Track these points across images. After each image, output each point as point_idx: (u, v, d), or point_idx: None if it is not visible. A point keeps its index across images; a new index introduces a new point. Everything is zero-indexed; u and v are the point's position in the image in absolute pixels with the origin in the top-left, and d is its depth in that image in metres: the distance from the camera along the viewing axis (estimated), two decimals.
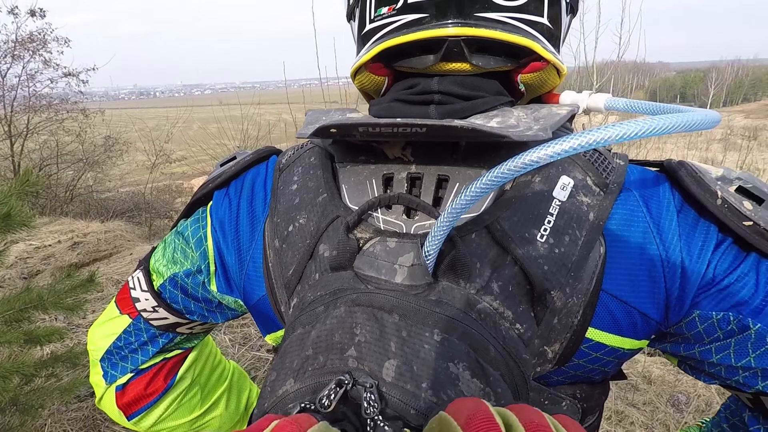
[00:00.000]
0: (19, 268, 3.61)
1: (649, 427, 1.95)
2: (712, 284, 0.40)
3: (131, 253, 3.97)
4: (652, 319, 0.41)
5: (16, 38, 6.71)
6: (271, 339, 0.52)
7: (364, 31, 0.47)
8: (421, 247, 0.38)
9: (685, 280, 0.40)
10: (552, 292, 0.39)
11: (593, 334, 0.41)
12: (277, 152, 0.56)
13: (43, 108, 7.10)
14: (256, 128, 7.64)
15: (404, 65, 0.46)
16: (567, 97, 0.49)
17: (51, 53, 7.07)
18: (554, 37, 0.45)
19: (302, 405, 0.32)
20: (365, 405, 0.31)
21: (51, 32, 6.99)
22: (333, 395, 0.32)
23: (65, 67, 7.32)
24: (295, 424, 0.28)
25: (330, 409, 0.32)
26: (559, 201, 0.40)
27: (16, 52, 6.77)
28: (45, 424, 1.76)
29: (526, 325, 0.39)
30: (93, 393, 1.96)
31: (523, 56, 0.44)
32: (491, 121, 0.41)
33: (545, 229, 0.39)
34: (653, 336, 0.43)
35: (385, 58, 0.46)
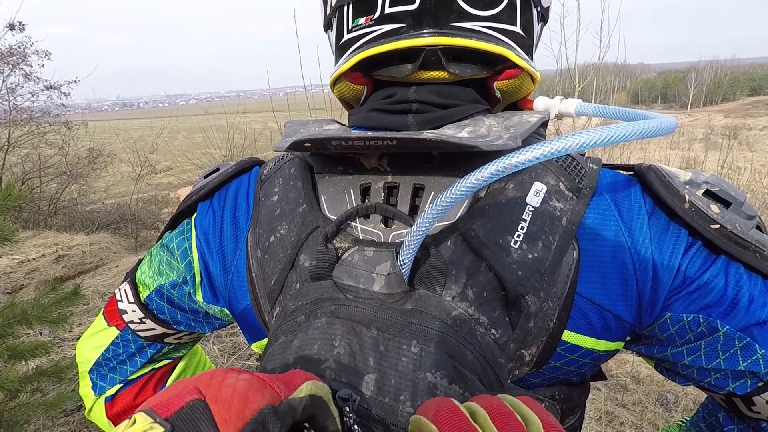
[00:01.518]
0: (3, 283, 3.55)
1: (638, 427, 1.96)
2: (682, 286, 0.40)
3: (117, 265, 3.93)
4: (625, 321, 0.41)
5: None
6: (257, 347, 0.53)
7: (342, 41, 0.48)
8: (396, 255, 0.39)
9: (657, 282, 0.40)
10: (526, 297, 0.39)
11: (569, 336, 0.41)
12: (260, 163, 0.57)
13: (24, 121, 7.00)
14: (242, 137, 7.61)
15: (383, 74, 0.47)
16: (540, 103, 0.50)
17: (31, 66, 7.00)
18: (527, 45, 0.47)
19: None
20: (346, 418, 0.32)
21: (31, 45, 6.91)
22: None
23: (46, 80, 7.24)
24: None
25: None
26: (533, 207, 0.41)
27: None
28: None
29: (502, 330, 0.39)
30: (80, 407, 1.95)
31: (498, 64, 0.45)
32: (462, 131, 0.42)
33: (519, 235, 0.40)
34: (628, 338, 0.44)
35: (363, 67, 0.46)
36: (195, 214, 0.55)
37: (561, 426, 0.28)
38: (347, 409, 0.33)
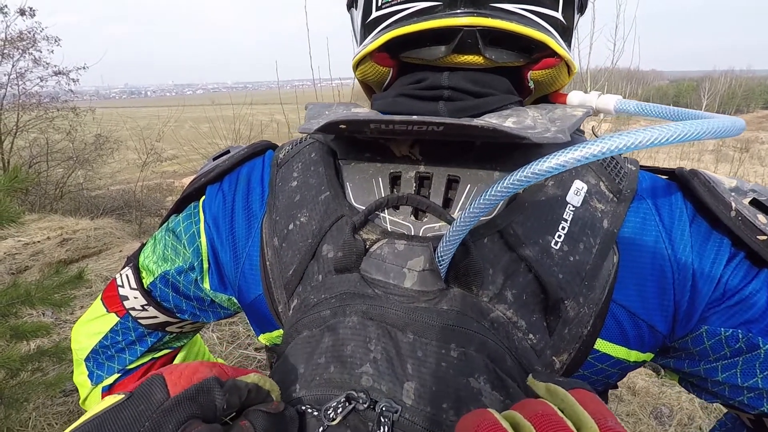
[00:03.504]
0: (7, 264, 3.59)
1: None
2: (722, 299, 0.38)
3: (121, 251, 3.97)
4: (659, 332, 0.39)
5: (6, 37, 6.65)
6: (264, 339, 0.51)
7: (370, 18, 0.44)
8: (434, 251, 0.37)
9: (695, 293, 0.38)
10: (566, 302, 0.37)
11: (601, 345, 0.39)
12: (273, 146, 0.54)
13: (33, 106, 7.05)
14: (248, 128, 7.63)
15: (412, 56, 0.43)
16: (575, 97, 0.47)
17: (41, 52, 7.03)
18: (567, 33, 0.43)
19: (303, 408, 0.32)
20: (384, 430, 0.31)
21: (41, 31, 6.95)
22: (341, 409, 0.31)
23: (55, 66, 7.28)
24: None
25: (334, 422, 0.31)
26: (573, 206, 0.39)
27: (5, 51, 6.71)
28: (30, 418, 1.77)
29: (539, 336, 0.37)
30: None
31: (535, 51, 0.42)
32: (506, 121, 0.39)
33: (559, 236, 0.38)
34: (658, 349, 0.42)
35: (391, 48, 0.43)
36: (203, 198, 0.52)
37: (622, 427, 0.25)
38: (386, 421, 0.31)
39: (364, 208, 0.42)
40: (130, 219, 6.19)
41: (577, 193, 0.40)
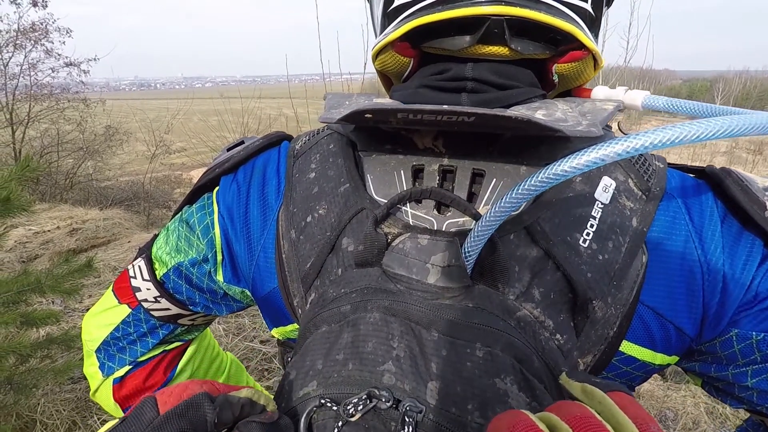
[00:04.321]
0: (18, 252, 3.64)
1: None
2: (754, 302, 0.37)
3: (129, 241, 4.00)
4: (686, 335, 0.38)
5: (18, 27, 6.73)
6: (278, 333, 0.50)
7: (392, 7, 0.43)
8: (459, 246, 0.36)
9: (726, 295, 0.37)
10: (594, 302, 0.36)
11: (626, 347, 0.39)
12: (288, 137, 0.53)
13: (44, 97, 7.13)
14: (257, 122, 7.65)
15: (434, 46, 0.42)
16: (600, 92, 0.45)
17: (53, 43, 7.10)
18: (595, 25, 0.42)
19: (322, 402, 0.31)
20: (409, 430, 0.30)
21: (53, 22, 7.01)
22: (361, 405, 0.30)
23: (67, 57, 7.35)
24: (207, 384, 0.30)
25: (353, 419, 0.30)
26: (602, 203, 0.38)
27: (18, 42, 6.78)
28: (38, 404, 1.79)
29: (567, 336, 0.36)
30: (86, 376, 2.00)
31: (562, 43, 0.41)
32: (536, 113, 0.38)
33: (588, 234, 0.37)
34: (684, 352, 0.41)
35: (413, 37, 0.42)
36: (217, 188, 0.51)
37: None
38: (410, 421, 0.30)
39: (385, 201, 0.40)
40: (138, 210, 6.24)
41: (605, 189, 0.39)
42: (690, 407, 2.10)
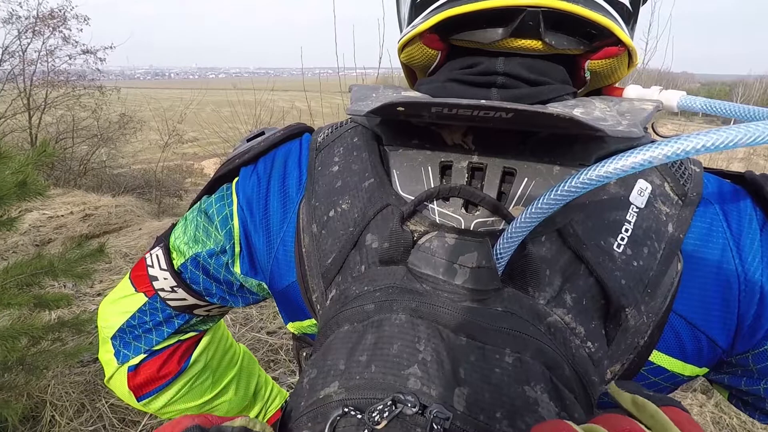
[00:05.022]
0: (32, 236, 3.71)
1: None
2: None
3: (140, 228, 4.05)
4: (718, 346, 0.37)
5: (37, 14, 6.81)
6: (293, 327, 0.49)
7: None
8: (491, 247, 0.34)
9: (763, 307, 0.36)
10: (627, 309, 0.35)
11: (657, 357, 0.37)
12: (310, 129, 0.52)
13: (60, 83, 7.24)
14: (269, 114, 7.68)
15: (465, 38, 0.41)
16: (632, 91, 0.43)
17: (70, 30, 7.21)
18: (632, 20, 0.41)
19: (346, 410, 0.30)
20: None
21: (71, 9, 7.10)
22: (387, 412, 0.29)
23: (83, 45, 7.44)
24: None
25: (379, 426, 0.29)
26: (637, 207, 0.37)
27: (36, 28, 6.87)
28: (48, 385, 1.82)
29: (598, 344, 0.35)
30: (96, 359, 2.04)
31: (598, 39, 0.39)
32: (573, 111, 0.37)
33: (622, 238, 0.36)
34: (714, 364, 0.39)
35: (443, 29, 0.40)
36: (237, 179, 0.50)
37: None
38: (438, 428, 0.29)
39: (411, 197, 0.39)
40: (149, 198, 6.31)
41: (641, 193, 0.37)
42: (696, 416, 2.08)
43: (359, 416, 0.30)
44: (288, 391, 0.79)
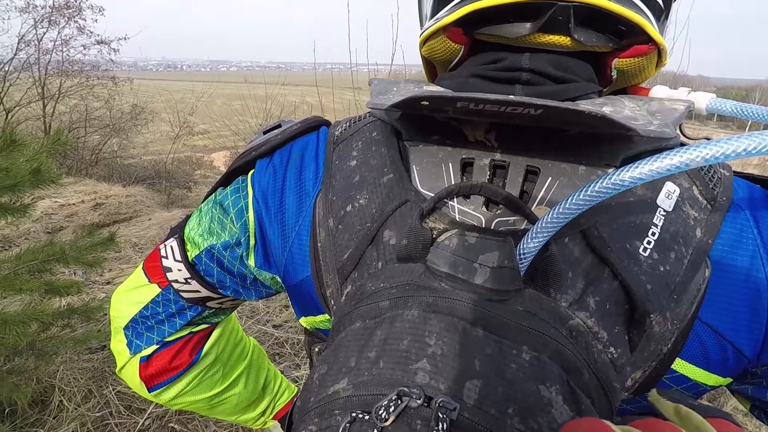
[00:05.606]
0: (44, 223, 3.76)
1: None
2: None
3: (150, 219, 4.09)
4: (744, 356, 0.36)
5: (53, 4, 6.87)
6: (306, 322, 0.49)
7: None
8: (513, 246, 0.34)
9: None
10: (652, 315, 0.34)
11: (680, 365, 0.36)
12: (327, 123, 0.52)
13: (75, 73, 7.30)
14: (279, 108, 7.69)
15: (491, 33, 0.40)
16: (659, 92, 0.42)
17: (85, 20, 7.25)
18: (664, 18, 0.40)
19: (353, 415, 0.30)
20: (440, 428, 0.28)
21: (86, 0, 7.15)
22: (393, 407, 0.29)
23: (98, 35, 7.50)
24: None
25: (387, 423, 0.29)
26: (664, 211, 0.36)
27: (52, 18, 6.93)
28: (57, 371, 1.85)
29: (621, 350, 0.34)
30: (104, 346, 2.06)
31: (627, 36, 0.38)
32: (602, 110, 0.36)
33: (649, 242, 0.35)
34: (738, 374, 0.39)
35: (467, 23, 0.39)
36: (252, 171, 0.50)
37: None
38: (444, 417, 0.28)
39: (430, 194, 0.39)
40: (159, 189, 6.36)
41: (668, 196, 0.36)
42: None
43: (366, 417, 0.29)
44: (293, 384, 0.79)
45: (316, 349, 0.51)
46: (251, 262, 0.49)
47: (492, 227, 0.37)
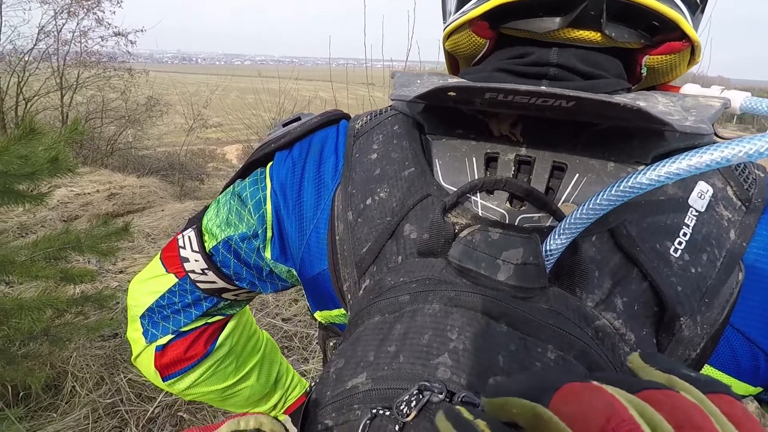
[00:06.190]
0: (60, 211, 3.82)
1: None
2: None
3: (163, 210, 4.13)
4: None
5: None
6: (321, 316, 0.49)
7: None
8: (538, 243, 0.33)
9: None
10: (682, 318, 0.33)
11: (708, 372, 0.36)
12: (347, 117, 0.51)
13: (92, 64, 7.40)
14: (293, 103, 7.71)
15: (518, 27, 0.39)
16: (691, 90, 0.41)
17: (104, 12, 7.35)
18: (698, 14, 0.38)
19: (374, 411, 0.29)
20: None
21: None
22: (414, 402, 0.28)
23: (116, 27, 7.58)
24: None
25: (409, 418, 0.28)
26: (696, 211, 0.35)
27: (71, 9, 7.03)
28: (70, 357, 1.88)
29: None
30: (116, 334, 2.09)
31: (661, 32, 0.37)
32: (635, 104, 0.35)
33: (680, 243, 0.34)
34: None
35: (494, 16, 0.39)
36: (271, 163, 0.50)
37: None
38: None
39: (453, 188, 0.38)
40: (172, 180, 6.42)
41: (701, 196, 0.35)
42: None
43: (387, 413, 0.29)
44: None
45: (331, 344, 0.51)
46: (268, 254, 0.49)
47: (515, 224, 0.36)
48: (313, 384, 0.39)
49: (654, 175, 0.28)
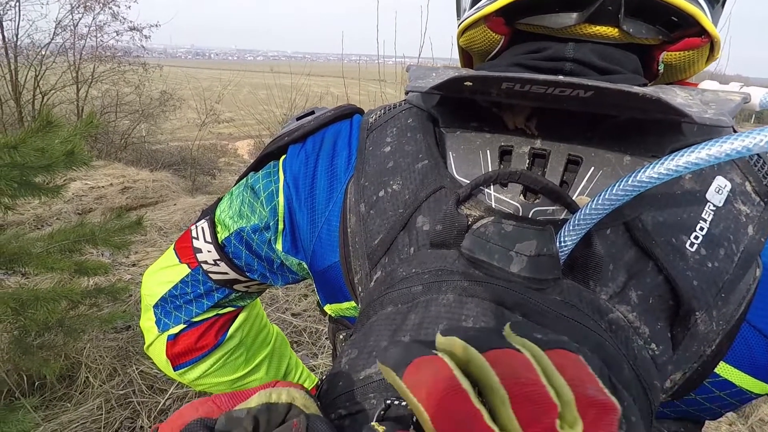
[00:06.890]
0: (75, 204, 3.88)
1: None
2: None
3: (175, 204, 4.17)
4: None
5: None
6: (331, 309, 0.49)
7: None
8: (553, 235, 0.33)
9: None
10: (697, 313, 0.33)
11: (724, 370, 0.35)
12: (360, 111, 0.52)
13: (107, 58, 7.49)
14: (304, 99, 7.72)
15: (534, 23, 0.39)
16: (709, 87, 0.40)
17: (119, 7, 7.40)
18: (717, 10, 0.38)
19: (388, 402, 0.28)
20: None
21: None
22: None
23: (131, 22, 7.65)
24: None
25: None
26: (714, 206, 0.34)
27: (88, 3, 7.11)
28: (84, 348, 1.91)
29: (663, 347, 0.33)
30: (129, 326, 2.12)
31: (679, 28, 0.37)
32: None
33: (696, 237, 0.33)
34: None
35: (509, 12, 0.39)
36: (284, 156, 0.50)
37: (606, 395, 0.21)
38: None
39: (466, 181, 0.38)
40: (185, 175, 6.48)
41: (718, 191, 0.34)
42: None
43: (403, 403, 0.28)
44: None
45: (341, 337, 0.51)
46: (279, 246, 0.49)
47: (529, 216, 0.36)
48: (323, 377, 0.39)
49: (672, 165, 0.28)
